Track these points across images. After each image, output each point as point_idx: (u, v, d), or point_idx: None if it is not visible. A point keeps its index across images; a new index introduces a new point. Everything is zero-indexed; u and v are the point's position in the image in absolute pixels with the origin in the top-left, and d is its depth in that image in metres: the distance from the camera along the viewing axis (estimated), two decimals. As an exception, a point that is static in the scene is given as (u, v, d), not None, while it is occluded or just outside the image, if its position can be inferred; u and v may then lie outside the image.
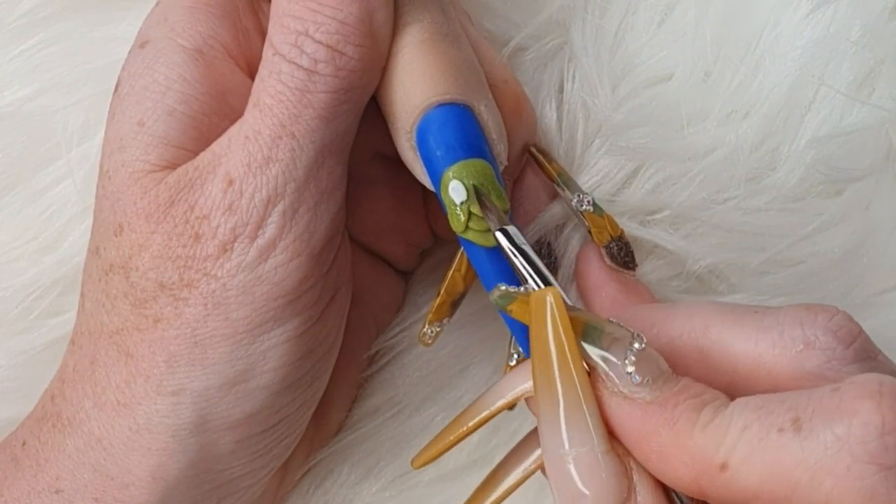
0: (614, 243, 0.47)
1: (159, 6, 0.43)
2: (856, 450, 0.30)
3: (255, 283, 0.39)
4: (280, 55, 0.39)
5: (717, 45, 0.51)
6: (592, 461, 0.35)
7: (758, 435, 0.32)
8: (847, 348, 0.34)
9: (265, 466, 0.44)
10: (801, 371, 0.35)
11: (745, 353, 0.36)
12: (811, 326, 0.35)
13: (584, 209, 0.47)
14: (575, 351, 0.35)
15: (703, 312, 0.37)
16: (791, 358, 0.35)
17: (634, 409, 0.34)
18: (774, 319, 0.36)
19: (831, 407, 0.31)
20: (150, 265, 0.40)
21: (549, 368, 0.36)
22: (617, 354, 0.35)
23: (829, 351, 0.34)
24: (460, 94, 0.41)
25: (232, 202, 0.39)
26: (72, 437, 0.42)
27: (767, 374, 0.35)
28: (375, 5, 0.39)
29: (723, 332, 0.36)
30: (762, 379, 0.35)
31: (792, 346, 0.35)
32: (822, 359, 0.34)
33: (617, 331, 0.35)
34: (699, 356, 0.36)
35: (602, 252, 0.47)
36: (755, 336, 0.36)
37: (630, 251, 0.47)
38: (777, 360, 0.35)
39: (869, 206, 0.52)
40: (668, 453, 0.34)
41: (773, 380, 0.35)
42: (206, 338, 0.39)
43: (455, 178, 0.40)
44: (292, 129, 0.39)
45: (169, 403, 0.40)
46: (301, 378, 0.42)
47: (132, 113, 0.41)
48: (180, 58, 0.41)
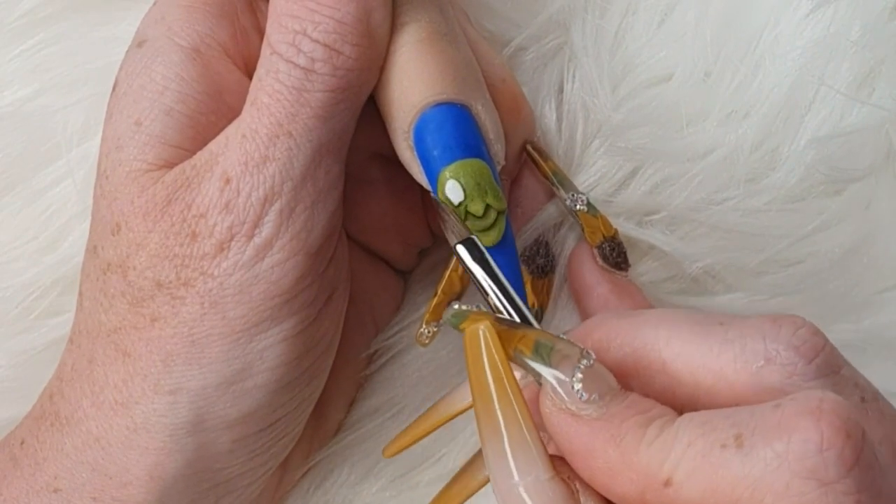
0: (607, 244, 0.47)
1: (157, 5, 0.43)
2: (795, 466, 0.30)
3: (251, 282, 0.39)
4: (277, 54, 0.39)
5: (717, 46, 0.51)
6: (539, 488, 0.35)
7: (701, 451, 0.32)
8: (809, 364, 0.34)
9: (263, 465, 0.44)
10: (761, 387, 0.34)
11: (707, 367, 0.35)
12: (773, 340, 0.34)
13: (578, 209, 0.47)
14: (512, 382, 0.36)
15: (668, 322, 0.37)
16: (751, 374, 0.34)
17: (581, 426, 0.34)
18: (738, 332, 0.35)
19: (772, 424, 0.31)
20: (147, 264, 0.40)
21: (489, 403, 0.36)
22: (565, 371, 0.35)
23: (790, 366, 0.34)
24: (458, 93, 0.41)
25: (229, 201, 0.39)
26: (70, 436, 0.42)
27: (729, 388, 0.35)
28: (373, 4, 0.39)
29: (685, 345, 0.36)
30: (723, 393, 0.35)
31: (753, 361, 0.34)
32: (782, 374, 0.34)
33: (566, 348, 0.35)
34: (661, 367, 0.36)
35: (594, 252, 0.47)
36: (717, 349, 0.35)
37: (622, 252, 0.47)
38: (738, 374, 0.34)
39: (869, 206, 0.51)
40: (615, 469, 0.34)
41: (735, 394, 0.35)
42: (202, 337, 0.40)
43: (452, 178, 0.40)
44: (289, 128, 0.39)
45: (166, 402, 0.40)
46: (298, 377, 0.42)
47: (129, 112, 0.41)
48: (178, 57, 0.41)
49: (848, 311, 0.51)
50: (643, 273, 0.51)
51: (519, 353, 0.36)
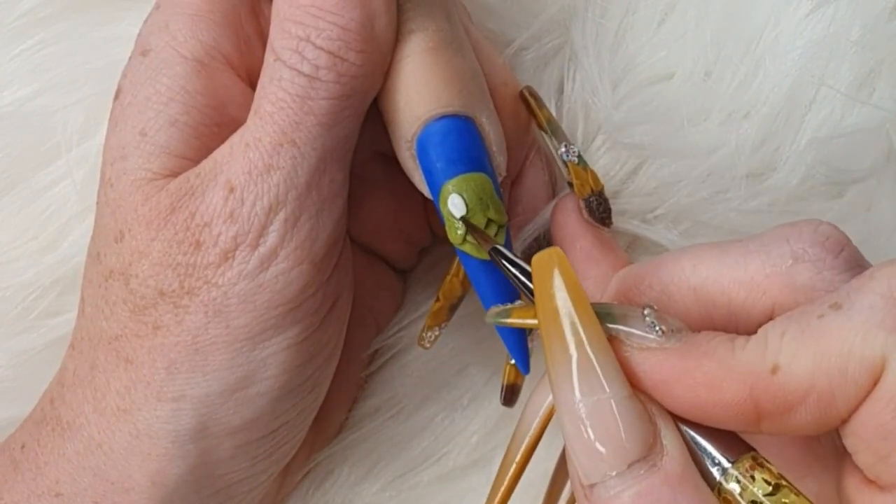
0: (594, 197, 0.46)
1: (159, 11, 0.43)
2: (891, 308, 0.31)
3: (256, 292, 0.39)
4: (281, 61, 0.39)
5: (717, 45, 0.51)
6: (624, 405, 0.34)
7: (799, 329, 0.32)
8: (836, 258, 0.35)
9: (265, 471, 0.44)
10: (794, 286, 0.35)
11: (737, 281, 0.36)
12: (797, 241, 0.35)
13: (569, 160, 0.47)
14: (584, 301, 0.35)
15: (688, 254, 0.37)
16: (782, 275, 0.35)
17: (668, 355, 0.34)
18: (759, 242, 0.36)
19: (861, 284, 0.32)
20: (149, 272, 0.40)
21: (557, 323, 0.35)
22: (636, 320, 0.35)
23: (819, 262, 0.35)
24: (463, 106, 0.41)
25: (233, 210, 0.39)
26: (72, 442, 0.42)
27: (763, 295, 0.35)
28: (377, 11, 0.39)
29: (711, 266, 0.36)
30: (759, 301, 0.35)
31: (781, 263, 0.35)
32: (812, 271, 0.35)
33: (625, 309, 0.35)
34: (694, 296, 0.36)
35: (581, 205, 0.47)
36: (743, 262, 0.36)
37: (608, 207, 0.47)
38: (769, 279, 0.35)
39: (870, 208, 0.51)
40: (716, 378, 0.33)
41: (770, 300, 0.35)
42: (206, 345, 0.40)
43: (455, 192, 0.40)
44: (293, 137, 0.39)
45: (169, 409, 0.40)
46: (301, 384, 0.42)
47: (134, 122, 0.41)
48: (182, 69, 0.41)
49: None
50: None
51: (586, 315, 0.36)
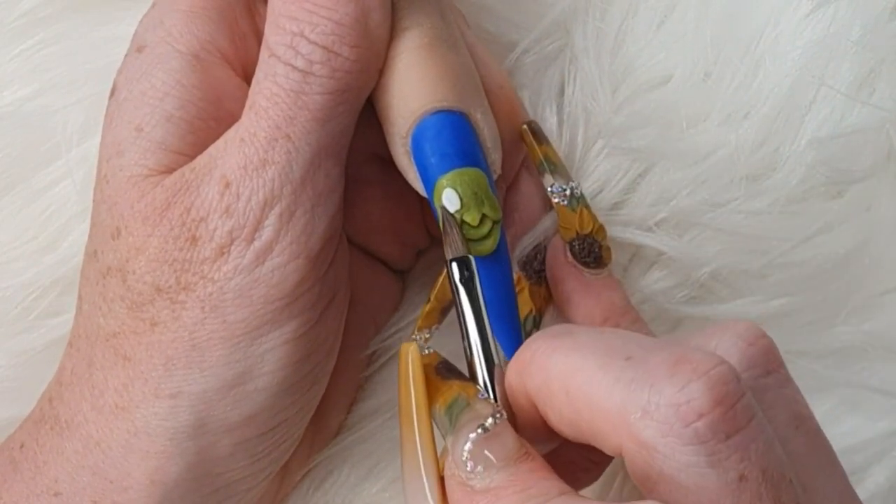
0: (577, 241, 0.46)
1: (155, 9, 0.43)
2: None
3: (252, 286, 0.39)
4: (275, 56, 0.39)
5: (716, 46, 0.51)
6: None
7: None
8: (685, 427, 0.32)
9: (264, 469, 0.44)
10: (639, 440, 0.33)
11: (599, 406, 0.34)
12: (657, 392, 0.33)
13: (557, 202, 0.47)
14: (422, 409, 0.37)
15: (580, 351, 0.36)
16: (630, 423, 0.33)
17: (463, 494, 0.35)
18: (632, 374, 0.34)
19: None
20: (146, 268, 0.40)
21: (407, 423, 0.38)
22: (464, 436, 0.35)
23: (665, 425, 0.32)
24: (457, 101, 0.41)
25: (229, 205, 0.39)
26: (70, 440, 0.42)
27: (614, 431, 0.34)
28: (371, 6, 0.39)
29: (587, 378, 0.35)
30: (611, 435, 0.34)
31: (631, 412, 0.33)
32: (657, 432, 0.33)
33: (482, 408, 0.36)
34: (566, 398, 0.35)
35: (565, 248, 0.47)
36: (611, 389, 0.34)
37: (593, 251, 0.46)
38: (620, 421, 0.33)
39: (870, 208, 0.52)
40: None
41: (619, 439, 0.34)
42: (203, 341, 0.39)
43: (449, 187, 0.40)
44: (288, 131, 0.39)
45: (167, 406, 0.40)
46: (300, 381, 0.42)
47: (130, 118, 0.41)
48: (178, 64, 0.41)
49: (850, 312, 0.51)
50: (653, 282, 0.51)
51: (436, 408, 0.37)
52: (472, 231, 0.41)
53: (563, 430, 0.37)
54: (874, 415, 0.51)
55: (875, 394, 0.51)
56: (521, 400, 0.38)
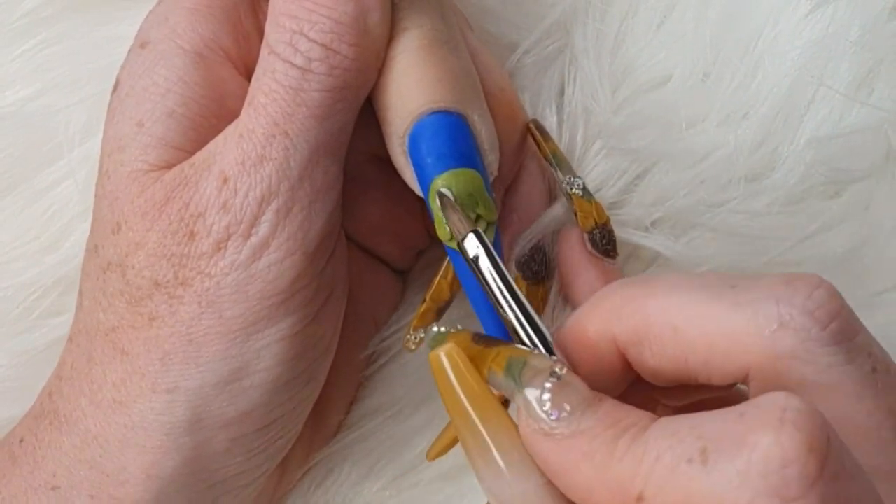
0: (598, 230, 0.46)
1: (160, 6, 0.43)
2: (757, 484, 0.30)
3: (248, 282, 0.39)
4: (275, 54, 0.39)
5: (716, 46, 0.51)
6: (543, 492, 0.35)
7: (669, 465, 0.31)
8: (823, 329, 0.33)
9: (261, 466, 0.44)
10: (774, 352, 0.33)
11: (720, 332, 0.34)
12: (787, 304, 0.33)
13: (573, 192, 0.47)
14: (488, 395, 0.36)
15: (679, 288, 0.36)
16: (765, 338, 0.33)
17: (555, 445, 0.34)
18: (750, 295, 0.34)
19: (736, 436, 0.30)
20: (145, 263, 0.40)
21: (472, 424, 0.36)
22: (536, 388, 0.34)
23: (803, 332, 0.33)
24: (455, 102, 0.41)
25: (226, 200, 0.39)
26: (68, 435, 0.42)
27: (743, 352, 0.34)
28: (371, 5, 0.40)
29: (697, 309, 0.35)
30: (737, 358, 0.34)
31: (766, 326, 0.33)
32: (796, 340, 0.33)
33: (539, 363, 0.35)
34: (673, 334, 0.35)
35: (585, 237, 0.47)
36: (729, 314, 0.34)
37: (612, 240, 0.47)
38: (751, 339, 0.34)
39: (868, 207, 0.52)
40: (590, 487, 0.33)
41: (748, 359, 0.34)
42: (200, 336, 0.40)
43: (444, 187, 0.40)
44: (286, 128, 0.39)
45: (163, 401, 0.40)
46: (296, 377, 0.42)
47: (132, 114, 0.41)
48: (181, 60, 0.41)
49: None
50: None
51: (492, 374, 0.36)
52: None
53: (661, 369, 0.36)
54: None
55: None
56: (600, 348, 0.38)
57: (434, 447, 0.42)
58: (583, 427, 0.33)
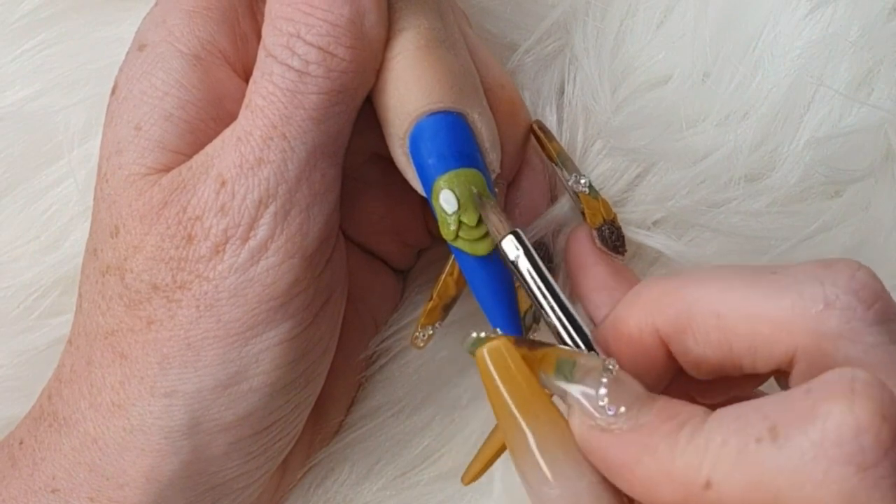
0: (606, 227, 0.46)
1: (158, 8, 0.43)
2: (832, 453, 0.30)
3: (246, 285, 0.39)
4: (272, 56, 0.39)
5: (715, 46, 0.51)
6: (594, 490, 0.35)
7: (736, 448, 0.31)
8: (868, 309, 0.33)
9: (260, 468, 0.44)
10: (820, 332, 0.33)
11: (764, 315, 0.35)
12: (832, 285, 0.34)
13: (581, 190, 0.47)
14: (539, 390, 0.36)
15: (719, 276, 0.36)
16: (810, 318, 0.34)
17: (614, 441, 0.34)
18: (791, 278, 0.35)
19: (805, 411, 0.30)
20: (143, 267, 0.40)
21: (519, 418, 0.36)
22: (590, 387, 0.34)
23: (849, 311, 0.33)
24: (454, 102, 0.41)
25: (224, 203, 0.39)
26: (68, 437, 0.42)
27: (787, 335, 0.34)
28: (367, 7, 0.39)
29: (740, 295, 0.35)
30: (782, 340, 0.34)
31: (812, 306, 0.34)
32: (841, 319, 0.33)
33: (588, 361, 0.35)
34: (716, 322, 0.35)
35: (593, 234, 0.47)
36: (773, 297, 0.34)
37: (621, 235, 0.47)
38: (796, 320, 0.34)
39: (868, 207, 0.51)
40: (654, 480, 0.33)
41: (794, 341, 0.34)
42: (198, 340, 0.40)
43: (446, 188, 0.41)
44: (283, 131, 0.39)
45: (162, 405, 0.40)
46: (294, 380, 0.42)
47: (130, 117, 0.41)
48: (178, 63, 0.41)
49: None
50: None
51: (543, 374, 0.36)
52: (470, 231, 0.41)
53: (706, 355, 0.36)
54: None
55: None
56: (642, 341, 0.38)
57: (470, 469, 0.42)
58: (642, 421, 0.34)
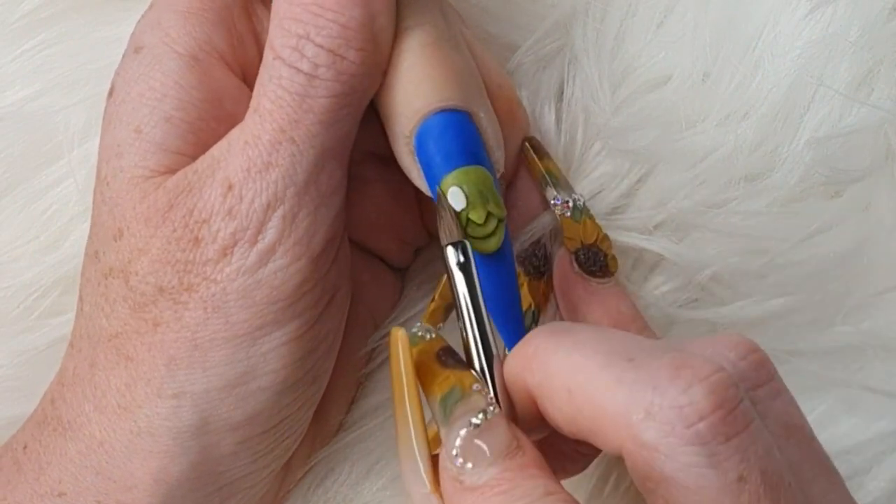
0: (582, 251, 0.46)
1: (152, 10, 0.43)
2: None
3: (254, 287, 0.39)
4: (280, 59, 0.39)
5: (715, 46, 0.51)
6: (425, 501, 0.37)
7: None
8: (687, 428, 0.33)
9: (267, 467, 0.44)
10: (639, 440, 0.33)
11: (600, 405, 0.35)
12: (661, 394, 0.33)
13: (560, 214, 0.47)
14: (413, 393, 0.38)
15: (582, 350, 0.36)
16: (632, 424, 0.33)
17: (455, 489, 0.35)
18: (634, 375, 0.34)
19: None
20: (149, 269, 0.40)
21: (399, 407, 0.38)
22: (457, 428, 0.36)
23: (667, 426, 0.33)
24: (462, 100, 0.41)
25: (231, 207, 0.39)
26: (73, 441, 0.42)
27: (614, 431, 0.34)
28: (378, 9, 0.39)
29: (590, 375, 0.35)
30: (614, 434, 0.34)
31: (634, 412, 0.33)
32: (659, 433, 0.33)
33: (476, 401, 0.36)
34: (567, 396, 0.36)
35: (571, 258, 0.47)
36: (612, 389, 0.34)
37: (599, 260, 0.47)
38: (622, 420, 0.34)
39: (868, 207, 0.52)
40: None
41: (619, 439, 0.34)
42: (205, 341, 0.40)
43: (454, 185, 0.41)
44: (292, 134, 0.39)
45: (170, 406, 0.40)
46: (301, 378, 0.42)
47: (129, 120, 0.41)
48: (176, 64, 0.41)
49: (848, 312, 0.51)
50: (654, 287, 0.51)
51: (432, 397, 0.37)
52: (478, 229, 0.41)
53: (561, 426, 0.37)
54: (873, 415, 0.51)
55: (873, 394, 0.51)
56: (519, 393, 0.39)
57: None
58: (481, 482, 0.35)
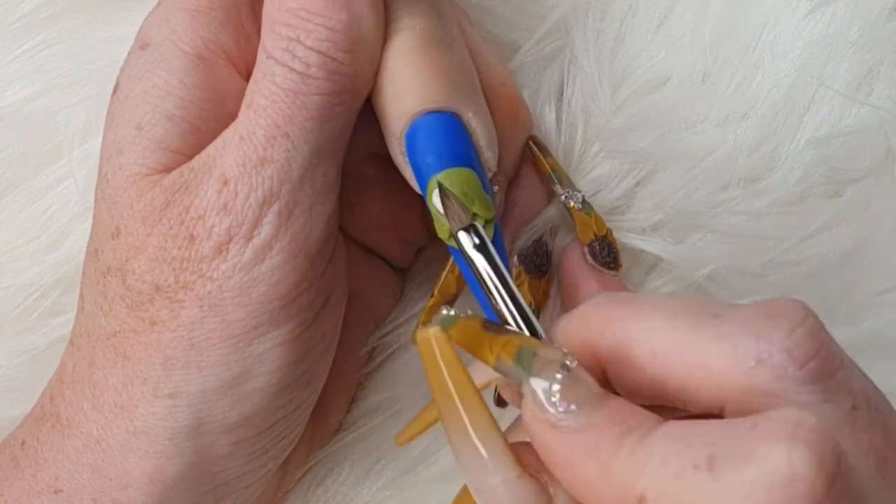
0: (597, 242, 0.47)
1: (161, 7, 0.43)
2: (763, 497, 0.29)
3: (250, 285, 0.39)
4: (273, 58, 0.39)
5: (715, 47, 0.51)
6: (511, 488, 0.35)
7: (674, 470, 0.31)
8: (800, 368, 0.33)
9: (262, 467, 0.44)
10: (750, 387, 0.33)
11: (696, 362, 0.34)
12: (766, 341, 0.33)
13: (572, 206, 0.47)
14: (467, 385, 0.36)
15: (660, 311, 0.36)
16: (741, 373, 0.33)
17: (560, 437, 0.34)
18: (731, 328, 0.34)
19: (745, 446, 0.30)
20: (146, 268, 0.40)
21: (452, 408, 0.36)
22: (544, 380, 0.34)
23: (780, 370, 0.33)
24: (448, 102, 0.41)
25: (227, 202, 0.39)
26: (70, 438, 0.42)
27: (718, 385, 0.34)
28: (363, 11, 0.39)
29: (678, 335, 0.35)
30: (712, 389, 0.34)
31: (744, 362, 0.33)
32: (772, 377, 0.33)
33: (550, 353, 0.35)
34: (651, 358, 0.35)
35: (584, 250, 0.47)
36: (708, 345, 0.34)
37: (612, 251, 0.47)
38: (728, 372, 0.33)
39: (868, 207, 0.52)
40: (593, 483, 0.33)
41: (724, 392, 0.34)
42: (202, 340, 0.40)
43: (437, 188, 0.41)
44: (287, 130, 0.39)
45: (165, 406, 0.40)
46: (297, 380, 0.42)
47: (130, 117, 0.41)
48: (181, 63, 0.41)
49: (848, 312, 0.51)
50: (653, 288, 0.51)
51: (501, 361, 0.36)
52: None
53: (640, 389, 0.36)
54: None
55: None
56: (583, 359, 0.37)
57: (404, 433, 0.42)
58: (590, 422, 0.33)
